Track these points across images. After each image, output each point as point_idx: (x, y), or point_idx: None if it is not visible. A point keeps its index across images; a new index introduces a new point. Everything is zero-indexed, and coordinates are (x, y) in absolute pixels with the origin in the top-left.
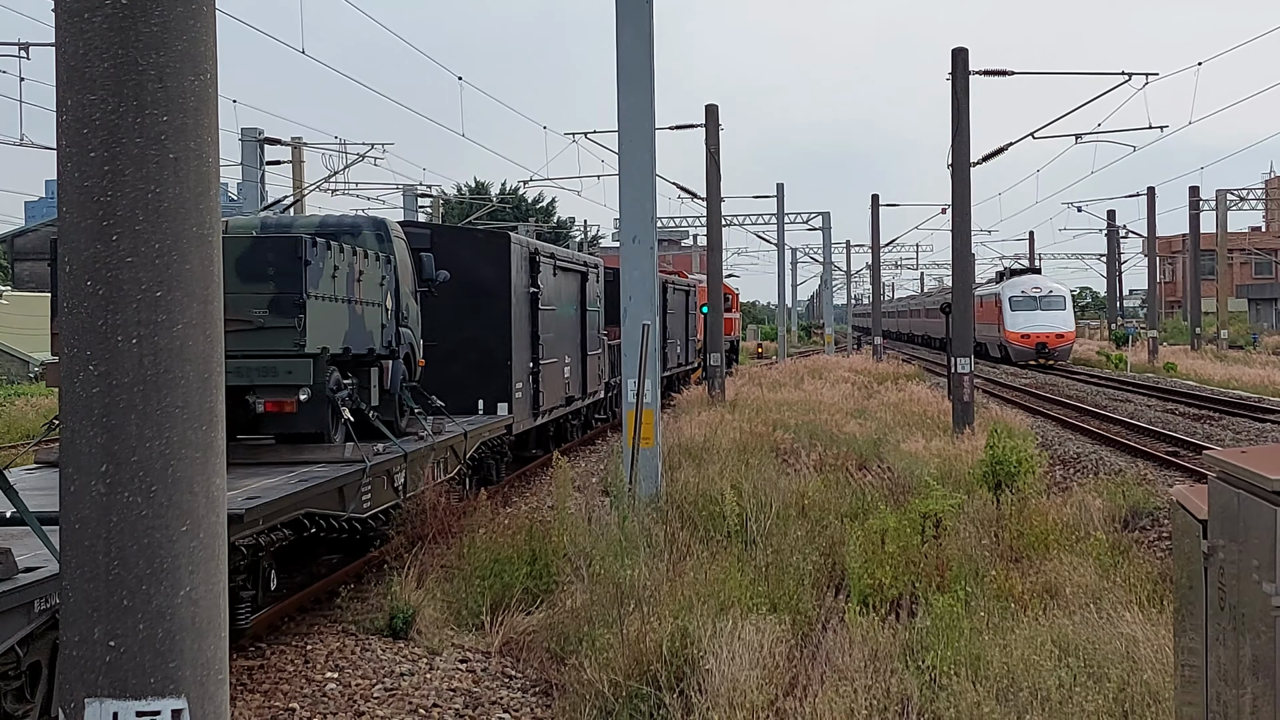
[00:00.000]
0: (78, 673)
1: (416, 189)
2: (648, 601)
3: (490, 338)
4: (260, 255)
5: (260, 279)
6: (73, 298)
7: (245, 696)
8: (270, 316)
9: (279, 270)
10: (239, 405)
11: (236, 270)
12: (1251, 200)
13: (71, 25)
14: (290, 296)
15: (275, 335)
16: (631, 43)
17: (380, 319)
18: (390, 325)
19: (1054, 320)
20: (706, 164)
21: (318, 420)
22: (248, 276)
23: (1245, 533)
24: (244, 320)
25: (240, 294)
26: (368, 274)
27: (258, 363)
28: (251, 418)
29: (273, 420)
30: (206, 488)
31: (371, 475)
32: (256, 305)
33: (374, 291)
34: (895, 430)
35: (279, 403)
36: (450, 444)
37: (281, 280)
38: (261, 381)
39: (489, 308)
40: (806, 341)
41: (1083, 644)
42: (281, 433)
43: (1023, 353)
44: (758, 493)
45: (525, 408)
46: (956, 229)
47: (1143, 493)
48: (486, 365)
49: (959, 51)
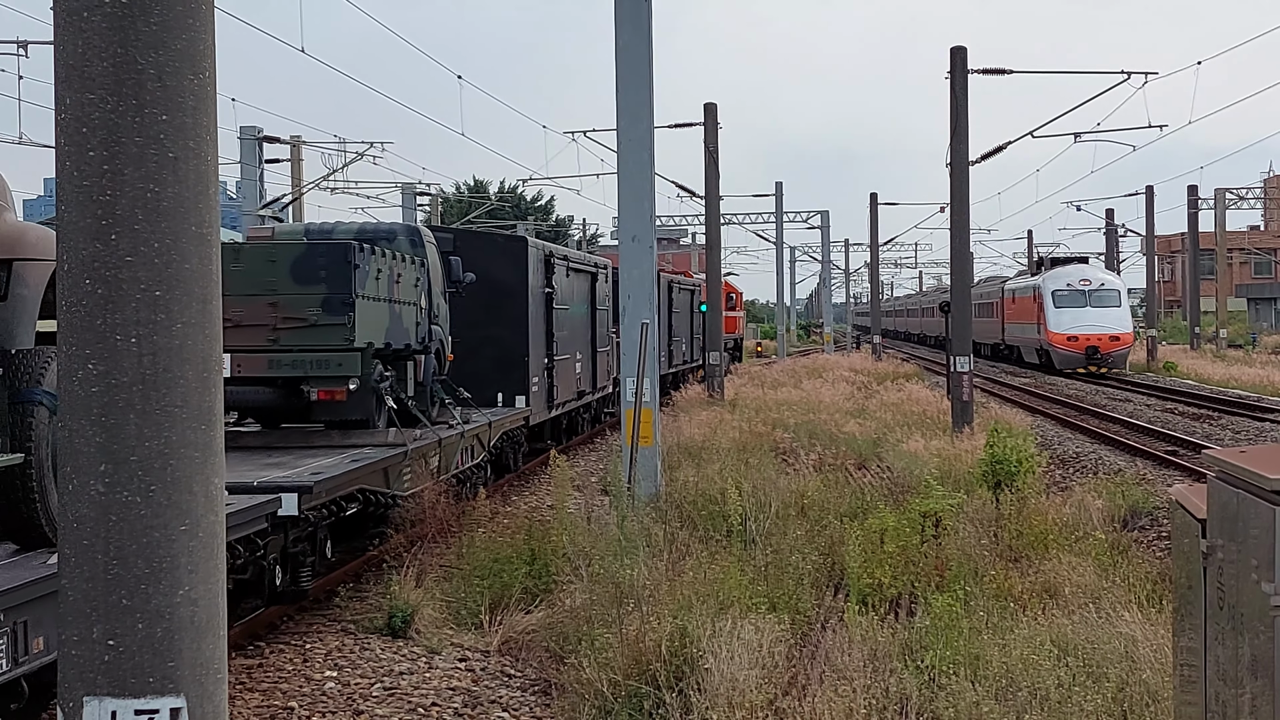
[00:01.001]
0: (77, 672)
1: (415, 187)
2: (647, 601)
3: (509, 335)
4: (313, 260)
5: (313, 281)
6: (71, 297)
7: (244, 695)
8: (322, 315)
9: (330, 273)
10: (293, 394)
11: (292, 273)
12: (1250, 200)
13: (70, 24)
14: (340, 297)
15: (327, 331)
16: (630, 41)
17: (415, 317)
18: (424, 323)
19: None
20: (705, 163)
21: (364, 408)
22: (302, 279)
23: (1244, 532)
24: (299, 318)
25: (295, 295)
26: (404, 276)
27: (312, 356)
28: (303, 405)
29: (323, 408)
30: (205, 487)
31: (411, 458)
32: (310, 305)
33: (410, 292)
34: (895, 430)
35: (330, 392)
36: (476, 433)
37: (333, 282)
38: (315, 373)
39: (508, 307)
40: (805, 340)
41: (1082, 644)
42: (331, 419)
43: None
44: (757, 492)
45: (541, 401)
46: (955, 228)
47: (1142, 492)
48: (506, 361)
49: (958, 50)
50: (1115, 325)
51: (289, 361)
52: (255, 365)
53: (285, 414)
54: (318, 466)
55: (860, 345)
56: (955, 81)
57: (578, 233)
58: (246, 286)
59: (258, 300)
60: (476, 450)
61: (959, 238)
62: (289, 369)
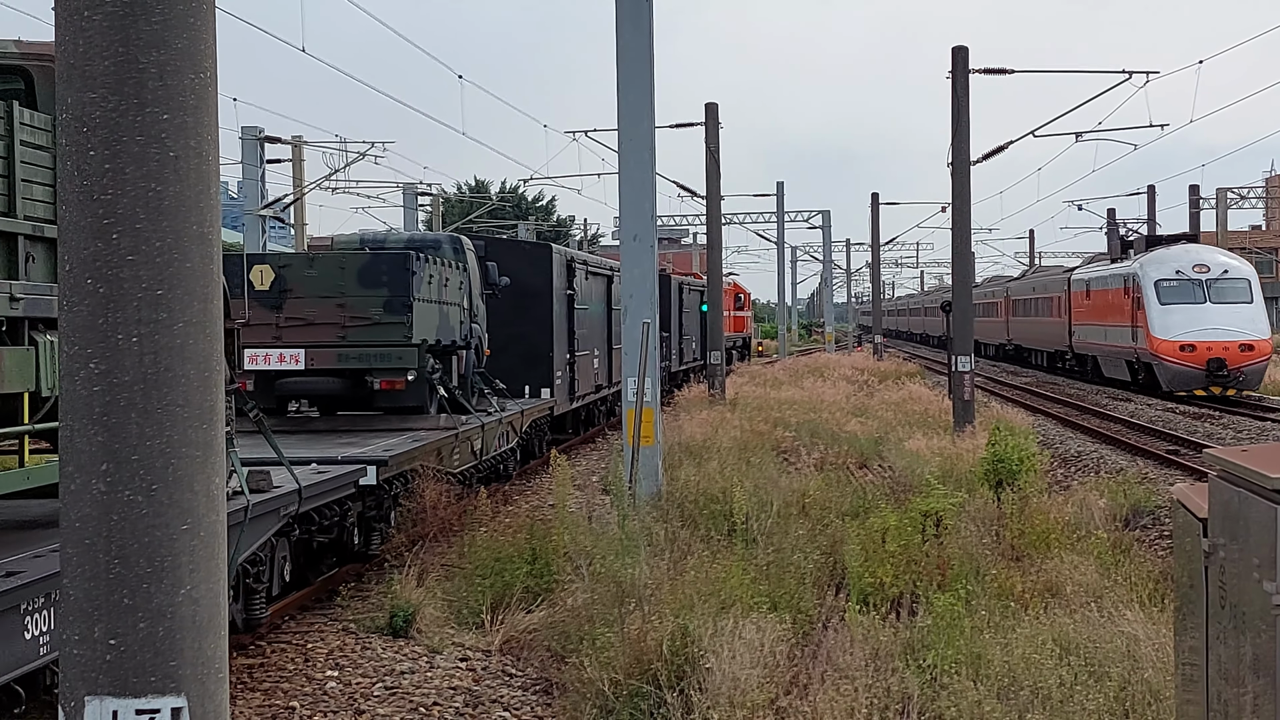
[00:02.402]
0: (78, 671)
1: (417, 187)
2: (648, 600)
3: (536, 333)
4: (377, 267)
5: (376, 285)
6: (73, 296)
7: (245, 695)
8: (384, 314)
9: (392, 278)
10: (358, 384)
11: (359, 279)
12: (1252, 199)
13: (71, 23)
14: (401, 299)
15: (388, 329)
16: (631, 41)
17: (459, 317)
18: (466, 322)
19: (1235, 319)
20: (706, 162)
21: (419, 396)
22: (366, 283)
23: (1246, 531)
24: (364, 318)
25: (361, 297)
26: (450, 281)
27: (375, 350)
28: (367, 394)
29: (384, 396)
30: (207, 486)
31: (460, 440)
32: (374, 306)
33: (455, 294)
34: (896, 429)
35: (391, 382)
36: (510, 420)
37: (394, 286)
38: (378, 365)
39: (535, 308)
40: (807, 340)
41: (1084, 643)
42: (390, 406)
43: (1183, 376)
44: (759, 491)
45: (564, 393)
46: (956, 227)
47: (1144, 491)
48: (533, 356)
49: (959, 50)
50: (1247, 329)
51: (355, 356)
52: (326, 359)
53: (350, 402)
54: (386, 445)
55: (861, 344)
56: (956, 81)
57: (579, 233)
58: (319, 290)
59: (328, 302)
60: (510, 436)
61: (960, 237)
62: (356, 362)
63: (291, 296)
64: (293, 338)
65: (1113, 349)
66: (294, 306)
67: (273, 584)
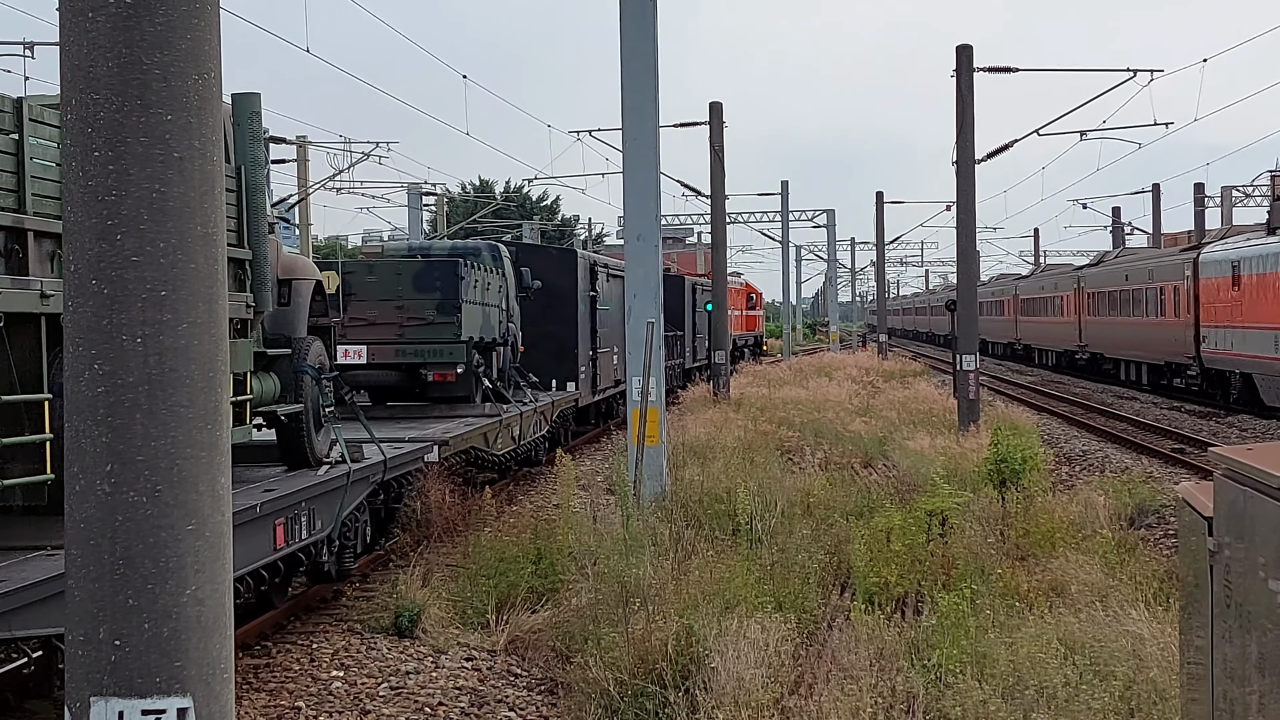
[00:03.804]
0: (84, 672)
1: (421, 187)
2: (653, 600)
3: (563, 331)
4: (430, 273)
5: (430, 290)
6: (77, 297)
7: (251, 695)
8: (437, 315)
9: (443, 283)
10: (413, 377)
11: (414, 283)
12: (1257, 197)
13: (75, 24)
14: (451, 301)
15: (441, 328)
16: (635, 41)
17: (498, 317)
18: (504, 322)
19: None
20: (710, 161)
21: (467, 387)
22: (421, 288)
23: (1251, 530)
24: (419, 318)
25: (416, 299)
26: (491, 285)
27: (429, 347)
28: (421, 385)
29: (437, 387)
30: (212, 486)
31: (503, 426)
32: (428, 307)
33: (495, 297)
34: (901, 428)
35: (443, 374)
36: (542, 410)
37: (445, 290)
38: (432, 360)
39: (561, 308)
40: (811, 339)
41: (1089, 642)
42: (441, 396)
43: None
44: (763, 491)
45: (587, 386)
46: (961, 226)
47: (1149, 490)
48: (560, 353)
49: (963, 48)
50: None
51: (412, 351)
52: (385, 354)
53: (404, 393)
54: (443, 429)
55: (866, 343)
56: (961, 80)
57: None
58: (379, 293)
59: (387, 304)
60: (541, 424)
61: (965, 236)
62: (412, 357)
63: (355, 299)
64: (356, 335)
65: (1266, 362)
66: (357, 308)
67: (358, 543)
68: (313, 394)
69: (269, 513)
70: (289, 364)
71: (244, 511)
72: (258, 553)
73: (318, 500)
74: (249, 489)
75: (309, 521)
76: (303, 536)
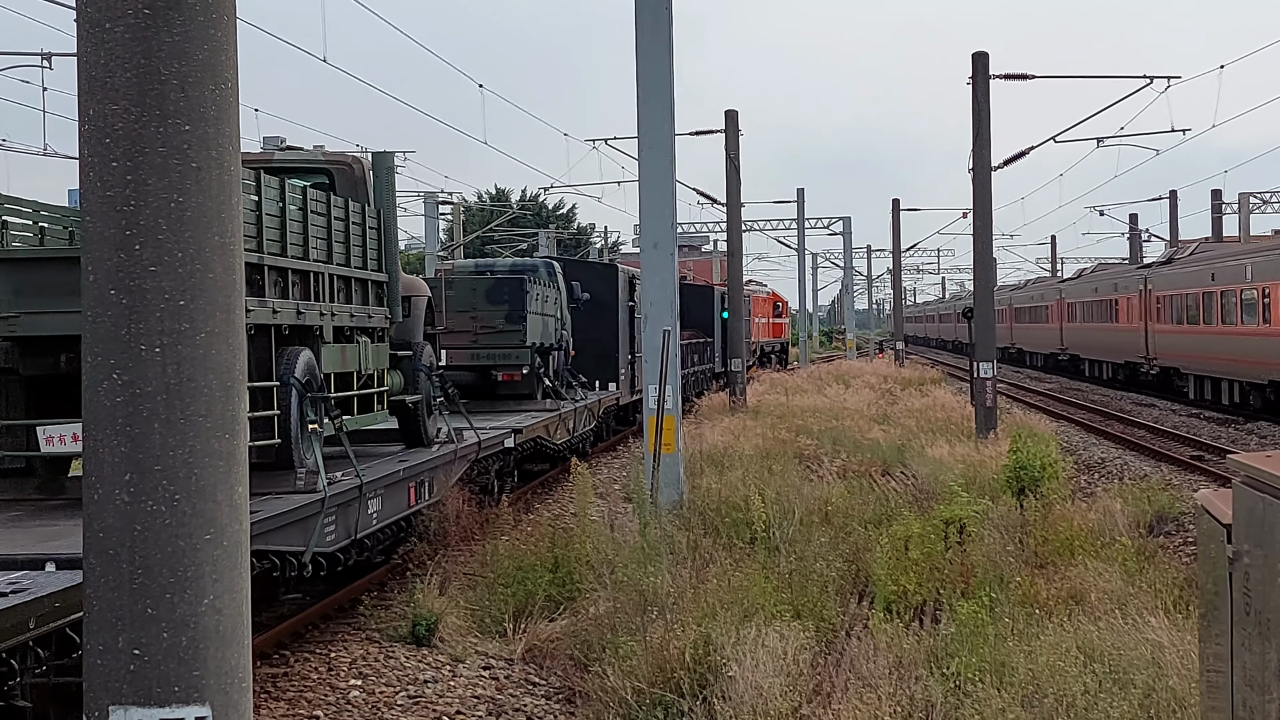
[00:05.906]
0: (103, 681)
1: (438, 196)
2: (671, 609)
3: (605, 338)
4: (499, 288)
5: (499, 302)
6: (96, 307)
7: (269, 704)
8: (505, 324)
9: (511, 296)
10: (485, 377)
11: (486, 297)
12: (1275, 203)
13: (93, 35)
14: (518, 312)
15: (509, 335)
16: (651, 51)
17: (555, 325)
18: (558, 329)
19: None
20: (726, 169)
21: (530, 386)
22: (493, 300)
23: (1271, 537)
24: (490, 326)
25: (488, 310)
26: (548, 297)
27: (499, 352)
28: (491, 384)
29: (505, 386)
30: (230, 496)
31: (560, 419)
32: (498, 317)
33: (551, 308)
34: (919, 436)
35: (511, 374)
36: (590, 406)
37: (513, 302)
38: (502, 362)
39: (604, 317)
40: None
41: (1108, 650)
42: (508, 394)
43: None
44: (781, 499)
45: (627, 387)
46: (978, 234)
47: (1168, 498)
48: (603, 357)
49: (979, 55)
50: None
51: (485, 355)
52: (462, 357)
53: (478, 391)
54: (515, 420)
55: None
56: (977, 87)
57: (599, 240)
58: (456, 305)
59: (464, 315)
60: (590, 419)
61: (982, 243)
62: (485, 360)
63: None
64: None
65: None
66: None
67: None
68: (426, 388)
69: (406, 477)
70: (409, 364)
71: (390, 474)
72: (398, 507)
73: (434, 471)
74: (387, 460)
75: (429, 487)
76: (427, 498)
